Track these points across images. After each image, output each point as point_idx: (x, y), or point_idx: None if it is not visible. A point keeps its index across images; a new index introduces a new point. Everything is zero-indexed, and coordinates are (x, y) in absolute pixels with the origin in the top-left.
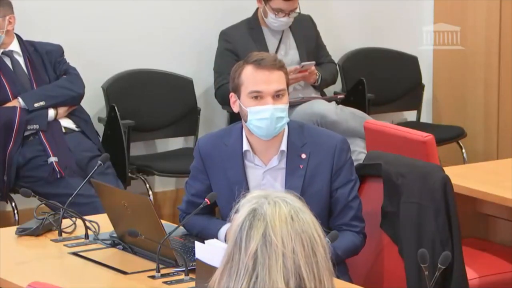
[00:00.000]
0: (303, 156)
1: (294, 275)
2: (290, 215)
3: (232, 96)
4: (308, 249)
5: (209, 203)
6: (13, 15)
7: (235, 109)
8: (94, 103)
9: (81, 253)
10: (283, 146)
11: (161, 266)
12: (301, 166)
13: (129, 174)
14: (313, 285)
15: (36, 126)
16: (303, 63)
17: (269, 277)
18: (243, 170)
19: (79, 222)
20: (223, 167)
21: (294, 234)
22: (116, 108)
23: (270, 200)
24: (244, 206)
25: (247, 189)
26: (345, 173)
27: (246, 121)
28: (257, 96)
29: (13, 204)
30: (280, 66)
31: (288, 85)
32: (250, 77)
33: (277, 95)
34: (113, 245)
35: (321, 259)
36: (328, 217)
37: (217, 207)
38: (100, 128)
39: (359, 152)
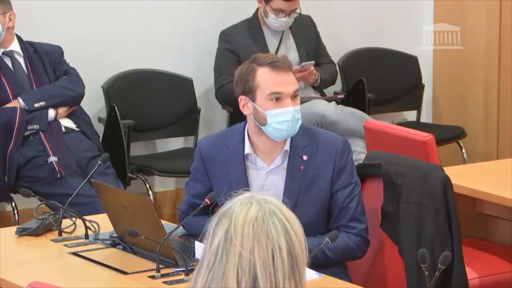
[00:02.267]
0: (305, 157)
1: (249, 274)
2: (256, 217)
3: (242, 99)
4: (267, 253)
5: (209, 203)
6: (13, 12)
7: (246, 112)
8: (94, 103)
9: (81, 253)
10: (287, 146)
11: (161, 266)
12: (302, 168)
13: (129, 174)
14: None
15: (36, 126)
16: (303, 63)
17: (223, 273)
18: (245, 173)
19: (79, 222)
20: (225, 169)
21: (255, 236)
22: (116, 108)
23: (246, 200)
24: (226, 205)
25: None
26: (346, 175)
27: (263, 124)
28: (277, 98)
29: (13, 204)
30: (292, 68)
31: None
32: (268, 79)
33: (294, 96)
34: (113, 245)
35: (281, 266)
36: (328, 219)
37: (218, 207)
38: (100, 128)
39: (359, 152)
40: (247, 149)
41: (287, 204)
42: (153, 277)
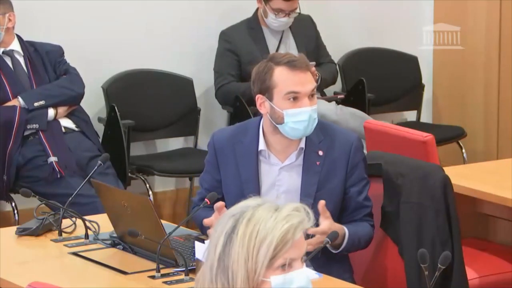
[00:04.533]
0: (320, 153)
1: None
2: (237, 208)
3: (259, 98)
4: (213, 238)
5: (209, 203)
6: (13, 13)
7: (263, 110)
8: (94, 103)
9: (81, 253)
10: (302, 144)
11: (161, 266)
12: (317, 163)
13: (129, 174)
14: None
15: (36, 126)
16: None
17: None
18: (257, 169)
19: (79, 222)
20: (236, 164)
21: (218, 221)
22: (116, 108)
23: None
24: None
25: (258, 188)
26: (359, 172)
27: (279, 123)
28: (294, 98)
29: (13, 204)
30: (310, 67)
31: None
32: (286, 78)
33: (311, 95)
34: (113, 245)
35: (213, 264)
36: (340, 213)
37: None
38: (100, 128)
39: None
40: (261, 145)
41: (305, 203)
42: (153, 277)
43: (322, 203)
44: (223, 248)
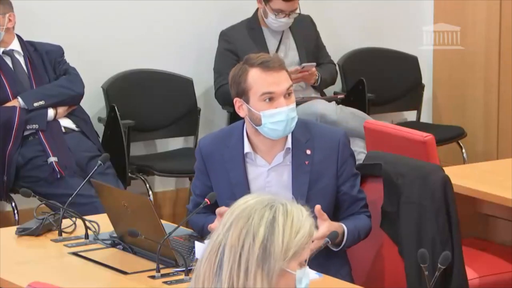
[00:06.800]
0: (308, 152)
1: (219, 252)
2: (250, 204)
3: (237, 101)
4: (239, 236)
5: (209, 203)
6: (13, 13)
7: (242, 113)
8: (94, 103)
9: (81, 253)
10: (288, 144)
11: (161, 266)
12: (306, 162)
13: (129, 174)
14: (233, 268)
15: (35, 126)
16: (303, 64)
17: (207, 247)
18: (245, 172)
19: (79, 222)
20: (225, 168)
21: (236, 217)
22: (116, 108)
23: (265, 194)
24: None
25: (248, 191)
26: (350, 167)
27: (258, 125)
28: (270, 98)
29: (13, 204)
30: (284, 66)
31: None
32: (260, 79)
33: (288, 94)
34: (113, 245)
35: (247, 254)
36: (334, 211)
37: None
38: (100, 128)
39: (359, 152)
40: (247, 148)
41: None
42: (153, 277)
43: (318, 207)
44: (266, 236)
